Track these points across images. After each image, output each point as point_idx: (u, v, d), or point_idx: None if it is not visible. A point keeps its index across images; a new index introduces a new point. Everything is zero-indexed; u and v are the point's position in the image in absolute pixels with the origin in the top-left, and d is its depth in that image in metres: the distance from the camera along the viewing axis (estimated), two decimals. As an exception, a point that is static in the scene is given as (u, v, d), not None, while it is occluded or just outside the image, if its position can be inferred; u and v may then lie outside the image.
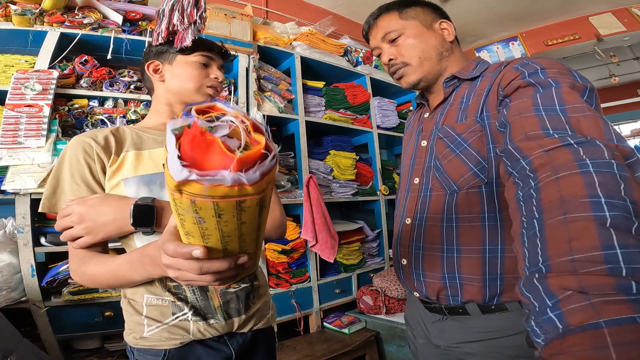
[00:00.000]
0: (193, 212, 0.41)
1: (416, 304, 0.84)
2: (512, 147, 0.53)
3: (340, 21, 2.83)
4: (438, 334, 0.77)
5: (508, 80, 0.64)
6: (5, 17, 1.54)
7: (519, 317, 0.66)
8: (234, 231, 0.44)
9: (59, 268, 1.40)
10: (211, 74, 0.85)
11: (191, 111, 0.41)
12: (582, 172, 0.41)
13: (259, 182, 0.38)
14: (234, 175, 0.35)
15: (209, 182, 0.36)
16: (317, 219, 1.94)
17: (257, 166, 0.37)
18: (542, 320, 0.35)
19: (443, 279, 0.72)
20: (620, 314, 0.30)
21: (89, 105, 1.62)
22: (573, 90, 0.55)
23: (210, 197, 0.37)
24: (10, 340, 1.13)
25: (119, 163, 0.74)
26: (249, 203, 0.40)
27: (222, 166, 0.36)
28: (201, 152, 0.37)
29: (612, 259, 0.34)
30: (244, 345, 0.82)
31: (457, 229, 0.71)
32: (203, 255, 0.44)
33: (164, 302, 0.74)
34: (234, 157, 0.36)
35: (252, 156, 0.37)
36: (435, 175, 0.76)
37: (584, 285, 0.33)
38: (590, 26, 3.37)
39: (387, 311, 1.99)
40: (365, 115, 2.53)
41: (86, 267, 0.68)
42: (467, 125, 0.72)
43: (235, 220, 0.42)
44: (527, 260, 0.41)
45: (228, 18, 1.94)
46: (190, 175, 0.35)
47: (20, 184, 1.31)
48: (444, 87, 0.80)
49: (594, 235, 0.36)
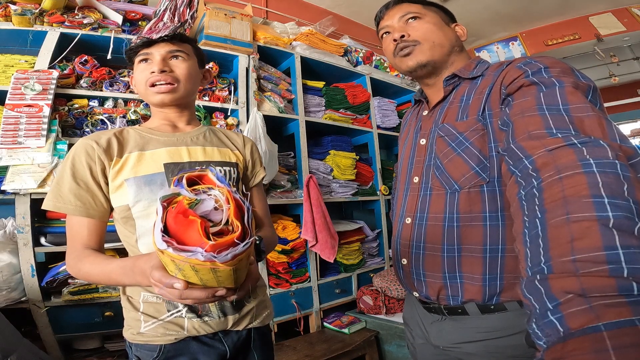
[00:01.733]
0: (173, 264, 0.47)
1: (415, 304, 0.84)
2: (514, 146, 0.53)
3: (340, 21, 2.83)
4: (437, 334, 0.77)
5: (511, 79, 0.64)
6: (5, 17, 1.54)
7: (517, 317, 0.66)
8: (211, 280, 0.50)
9: (59, 268, 1.40)
10: (150, 69, 0.81)
11: (182, 179, 0.48)
12: (585, 172, 0.41)
13: (231, 261, 0.43)
14: (207, 254, 0.41)
15: (185, 255, 0.42)
16: (317, 219, 1.94)
17: (229, 250, 0.42)
18: (543, 323, 0.35)
19: (444, 278, 0.72)
20: (620, 316, 0.30)
21: (89, 105, 1.62)
22: (577, 89, 0.55)
23: (186, 262, 0.43)
24: (10, 340, 1.13)
25: (122, 164, 0.77)
26: (222, 269, 0.45)
27: (198, 244, 0.42)
28: (183, 228, 0.43)
29: (614, 260, 0.34)
30: (239, 343, 0.83)
31: (458, 228, 0.70)
32: (183, 288, 0.50)
33: (159, 299, 0.77)
34: (207, 243, 0.42)
35: (225, 243, 0.43)
36: (435, 174, 0.75)
37: (585, 287, 0.33)
38: (590, 26, 3.37)
39: (387, 311, 1.99)
40: (365, 115, 2.53)
41: (82, 265, 0.72)
42: (469, 124, 0.71)
43: (212, 274, 0.47)
44: (529, 260, 0.41)
45: (228, 18, 1.93)
46: (168, 248, 0.42)
47: (20, 184, 1.31)
48: (444, 85, 0.79)
49: (597, 235, 0.36)
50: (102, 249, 0.78)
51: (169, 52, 0.82)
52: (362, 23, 3.36)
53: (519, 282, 0.65)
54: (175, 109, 0.87)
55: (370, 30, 3.34)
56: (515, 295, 0.66)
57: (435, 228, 0.73)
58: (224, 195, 0.46)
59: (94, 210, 0.75)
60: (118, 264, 0.67)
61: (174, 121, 0.88)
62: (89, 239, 0.75)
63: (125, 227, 0.78)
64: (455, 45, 0.82)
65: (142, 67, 0.82)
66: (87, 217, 0.75)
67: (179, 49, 0.84)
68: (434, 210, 0.74)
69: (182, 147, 0.83)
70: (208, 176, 0.49)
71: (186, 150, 0.83)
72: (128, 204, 0.76)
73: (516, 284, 0.66)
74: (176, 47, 0.83)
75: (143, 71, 0.82)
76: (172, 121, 0.88)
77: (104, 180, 0.76)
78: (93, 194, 0.75)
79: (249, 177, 0.96)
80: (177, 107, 0.87)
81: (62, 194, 0.73)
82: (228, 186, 0.47)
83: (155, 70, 0.80)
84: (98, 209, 0.76)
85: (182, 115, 0.88)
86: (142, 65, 0.82)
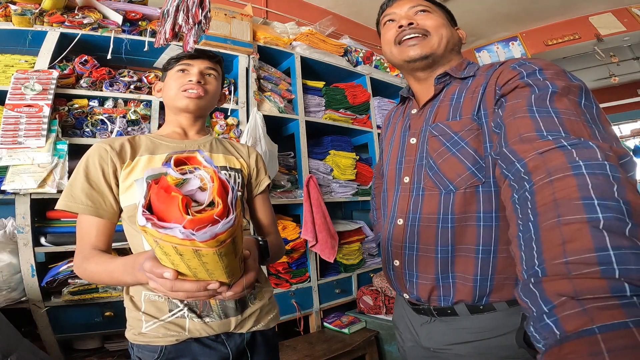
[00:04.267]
0: (158, 247, 0.46)
1: (404, 306, 0.83)
2: (506, 149, 0.53)
3: (340, 21, 2.83)
4: (427, 336, 0.76)
5: (505, 80, 0.64)
6: (5, 17, 1.54)
7: (507, 317, 0.66)
8: (199, 266, 0.48)
9: (59, 268, 1.40)
10: (187, 78, 0.89)
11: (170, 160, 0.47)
12: (575, 174, 0.41)
13: (210, 240, 0.41)
14: (186, 231, 0.40)
15: (163, 232, 0.41)
16: (317, 219, 1.94)
17: (208, 228, 0.41)
18: (540, 326, 0.35)
19: (436, 279, 0.71)
20: (613, 319, 0.30)
21: (89, 105, 1.62)
22: (568, 92, 0.55)
23: (168, 242, 0.42)
24: (10, 340, 1.13)
25: (133, 166, 0.81)
26: (205, 252, 0.44)
27: (178, 221, 0.41)
28: (164, 204, 0.43)
29: (605, 261, 0.34)
30: (242, 346, 0.82)
31: (452, 229, 0.69)
32: (172, 277, 0.50)
33: (160, 298, 0.78)
34: (184, 218, 0.40)
35: (204, 219, 0.41)
36: (428, 174, 0.74)
37: (577, 289, 0.34)
38: (590, 26, 3.37)
39: (387, 311, 1.99)
40: (365, 115, 2.53)
41: (87, 265, 0.73)
42: (464, 124, 0.70)
43: (197, 260, 0.46)
44: (524, 264, 0.41)
45: (228, 18, 1.94)
46: (147, 224, 0.41)
47: (20, 184, 1.31)
48: (436, 83, 0.78)
49: (587, 237, 0.36)
50: (110, 251, 0.79)
51: (207, 68, 0.91)
52: (362, 23, 3.36)
53: (509, 283, 0.66)
54: (191, 117, 0.92)
55: (371, 30, 3.34)
56: (504, 296, 0.66)
57: (429, 229, 0.72)
58: (209, 174, 0.45)
59: (104, 211, 0.77)
60: (120, 262, 0.68)
61: (186, 129, 0.93)
62: (97, 239, 0.76)
63: (132, 226, 0.80)
64: (456, 44, 0.82)
65: (179, 75, 0.89)
66: (96, 216, 0.77)
67: (214, 68, 0.93)
68: (427, 211, 0.73)
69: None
70: (196, 158, 0.49)
71: None
72: (136, 202, 0.77)
73: (506, 285, 0.66)
74: (212, 66, 0.92)
75: (179, 79, 0.89)
76: (184, 128, 0.93)
77: (115, 181, 0.79)
78: (103, 195, 0.78)
79: (254, 185, 0.97)
80: (193, 116, 0.92)
81: (74, 194, 0.76)
82: (215, 167, 0.46)
83: (193, 79, 0.88)
84: (108, 209, 0.78)
85: (194, 125, 0.94)
86: (179, 74, 0.90)
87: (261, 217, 0.97)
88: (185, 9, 0.83)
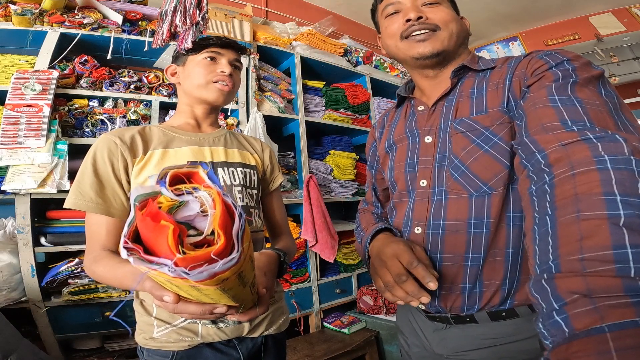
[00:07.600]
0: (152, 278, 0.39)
1: (411, 311, 0.78)
2: (527, 139, 0.51)
3: (340, 21, 2.83)
4: (440, 342, 0.71)
5: (533, 69, 0.61)
6: (5, 17, 1.54)
7: (528, 322, 0.62)
8: (201, 297, 0.42)
9: (59, 268, 1.40)
10: (218, 69, 0.85)
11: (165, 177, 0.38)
12: (599, 168, 0.40)
13: (207, 280, 0.34)
14: (177, 269, 0.32)
15: (151, 267, 0.33)
16: (317, 219, 1.94)
17: (204, 267, 0.33)
18: (549, 323, 0.34)
19: (463, 289, 0.65)
20: (623, 317, 0.30)
21: (89, 105, 1.62)
22: (590, 82, 0.53)
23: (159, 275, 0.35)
24: (10, 340, 1.13)
25: (145, 161, 0.76)
26: (204, 288, 0.37)
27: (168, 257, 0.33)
28: (153, 235, 0.34)
29: (622, 259, 0.33)
30: (254, 350, 0.81)
31: (487, 234, 0.63)
32: (173, 302, 0.44)
33: None
34: (175, 256, 0.32)
35: (199, 257, 0.33)
36: (452, 175, 0.66)
37: (590, 287, 0.33)
38: (590, 26, 3.37)
39: (387, 311, 1.99)
40: (365, 115, 2.53)
41: (96, 267, 0.70)
42: (494, 117, 0.64)
43: (198, 292, 0.39)
44: (537, 258, 0.40)
45: (228, 18, 1.93)
46: (129, 258, 0.34)
47: (20, 184, 1.31)
48: (452, 77, 0.72)
49: (606, 234, 0.35)
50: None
51: (235, 60, 0.88)
52: (362, 23, 3.35)
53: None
54: (209, 109, 0.89)
55: (371, 30, 3.33)
56: (527, 299, 0.61)
57: (457, 236, 0.65)
58: (211, 197, 0.37)
59: (114, 209, 0.73)
60: (129, 270, 0.64)
61: (200, 120, 0.89)
62: (107, 239, 0.72)
63: None
64: (465, 37, 0.77)
65: (207, 63, 0.84)
66: (106, 215, 0.73)
67: (239, 60, 0.90)
68: (454, 217, 0.65)
69: (206, 147, 0.84)
70: (199, 174, 0.40)
71: (209, 151, 0.84)
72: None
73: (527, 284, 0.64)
74: (238, 57, 0.89)
75: (208, 67, 0.84)
76: (198, 120, 0.89)
77: (126, 177, 0.75)
78: (114, 191, 0.74)
79: (268, 181, 0.95)
80: (213, 108, 0.89)
81: (83, 191, 0.71)
82: (220, 187, 0.38)
83: (225, 71, 0.84)
84: (118, 207, 0.74)
85: (209, 117, 0.90)
86: (206, 61, 0.85)
87: (274, 215, 0.94)
88: (183, 10, 0.83)
